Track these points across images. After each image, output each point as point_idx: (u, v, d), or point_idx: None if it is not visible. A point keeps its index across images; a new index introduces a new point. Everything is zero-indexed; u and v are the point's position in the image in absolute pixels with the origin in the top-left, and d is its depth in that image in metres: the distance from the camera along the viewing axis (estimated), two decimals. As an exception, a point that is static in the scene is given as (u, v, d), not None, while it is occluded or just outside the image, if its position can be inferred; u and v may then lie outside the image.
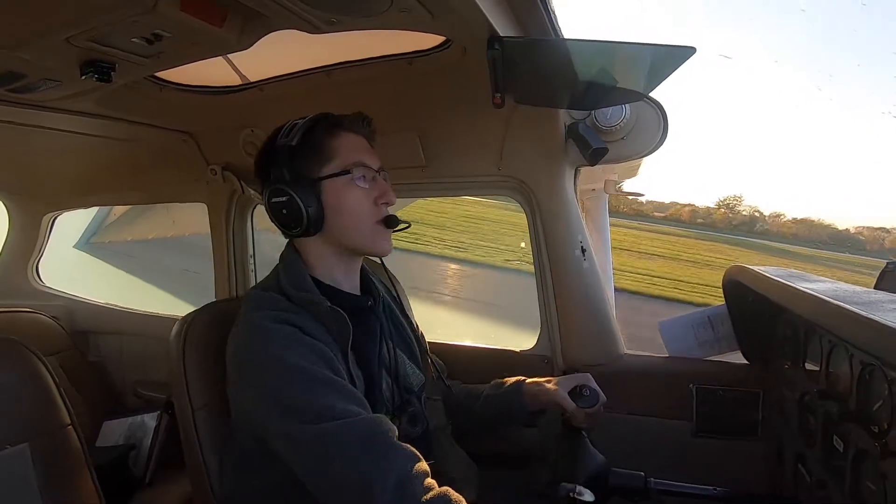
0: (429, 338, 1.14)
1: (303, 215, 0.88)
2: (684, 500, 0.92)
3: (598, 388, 1.01)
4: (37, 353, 1.02)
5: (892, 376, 0.65)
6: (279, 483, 0.83)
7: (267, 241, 1.67)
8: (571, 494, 0.79)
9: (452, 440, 1.04)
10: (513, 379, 1.11)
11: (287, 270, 0.93)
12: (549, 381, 1.06)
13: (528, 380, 1.09)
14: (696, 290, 10.76)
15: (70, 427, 1.01)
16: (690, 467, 1.06)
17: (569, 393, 1.00)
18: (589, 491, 0.79)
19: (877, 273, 1.21)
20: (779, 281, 0.88)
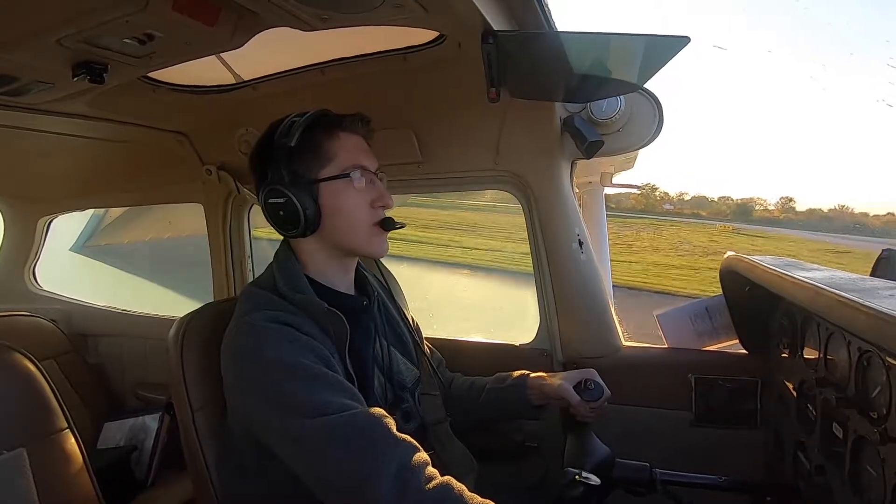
0: (428, 332, 1.14)
1: (300, 217, 0.87)
2: (689, 489, 0.93)
3: (602, 382, 1.02)
4: (31, 357, 1.02)
5: (889, 363, 0.66)
6: (280, 483, 0.83)
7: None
8: (578, 477, 0.81)
9: (451, 434, 1.04)
10: (517, 372, 1.11)
11: (282, 270, 0.92)
12: (553, 376, 1.06)
13: (533, 374, 1.09)
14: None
15: (67, 430, 1.01)
16: (690, 457, 1.06)
17: (574, 387, 1.01)
18: (595, 476, 0.81)
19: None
20: (775, 270, 0.88)
